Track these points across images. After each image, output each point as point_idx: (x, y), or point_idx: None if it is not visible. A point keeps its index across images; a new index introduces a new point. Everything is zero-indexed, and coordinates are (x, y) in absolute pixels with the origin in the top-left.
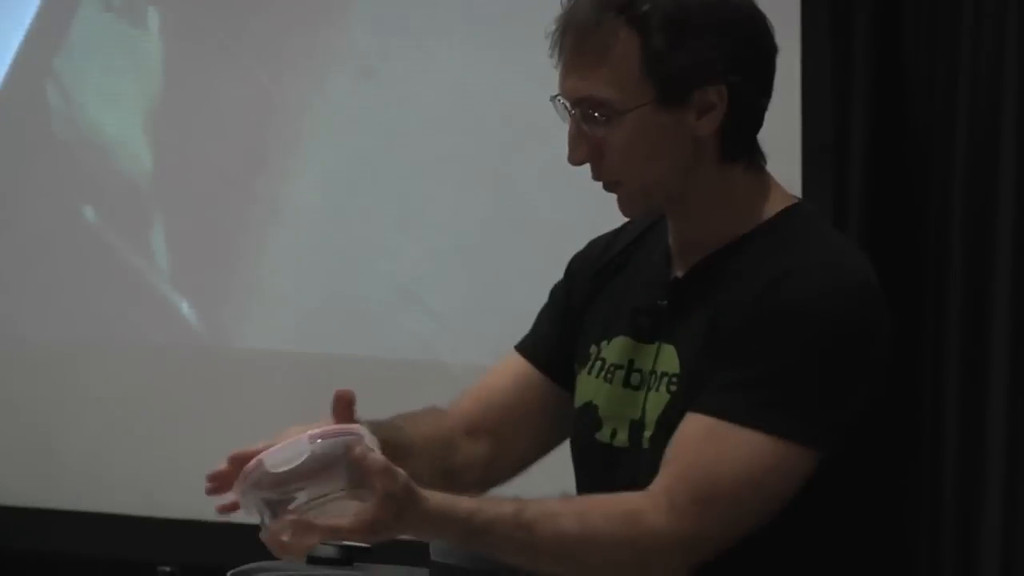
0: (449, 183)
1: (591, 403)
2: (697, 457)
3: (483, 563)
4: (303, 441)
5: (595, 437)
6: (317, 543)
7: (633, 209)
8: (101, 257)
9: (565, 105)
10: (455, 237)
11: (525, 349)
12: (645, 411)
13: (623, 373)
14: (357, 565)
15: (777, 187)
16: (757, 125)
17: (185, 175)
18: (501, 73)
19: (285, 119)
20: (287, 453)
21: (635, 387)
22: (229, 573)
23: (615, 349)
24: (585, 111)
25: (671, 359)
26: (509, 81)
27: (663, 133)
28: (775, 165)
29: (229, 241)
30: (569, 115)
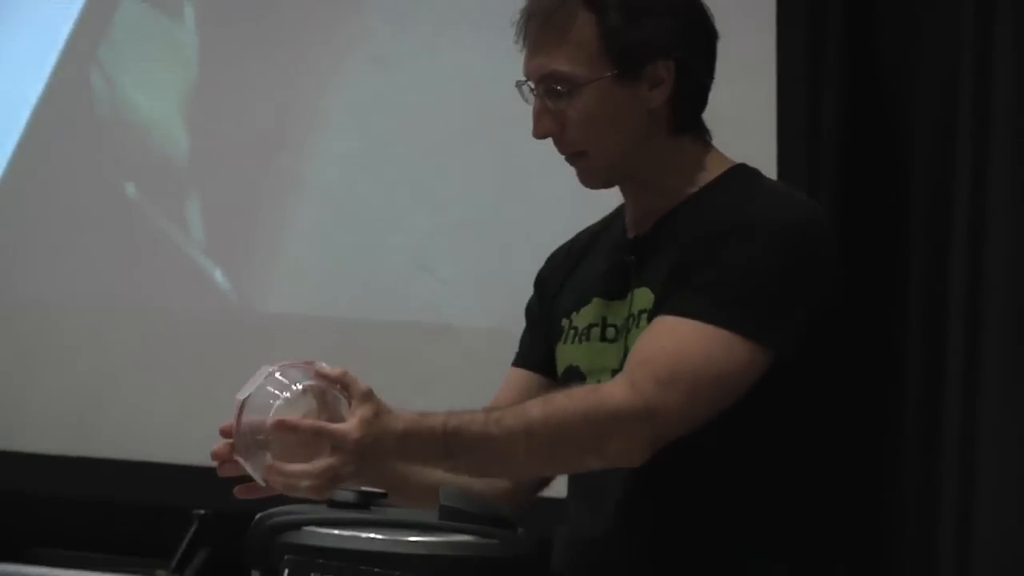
0: (457, 161)
1: (572, 366)
2: (658, 349)
3: (488, 508)
4: (263, 370)
5: None
6: (309, 476)
7: (594, 179)
8: (141, 229)
9: (529, 86)
10: (463, 211)
11: (518, 360)
12: (626, 355)
13: (598, 330)
14: (374, 508)
15: (723, 155)
16: (703, 101)
17: (217, 153)
18: (506, 59)
19: (307, 102)
20: (251, 381)
21: (611, 340)
22: (257, 516)
23: (587, 313)
24: (549, 86)
25: (645, 297)
26: (513, 66)
27: (620, 105)
28: (753, 147)
29: (257, 214)
30: (533, 94)
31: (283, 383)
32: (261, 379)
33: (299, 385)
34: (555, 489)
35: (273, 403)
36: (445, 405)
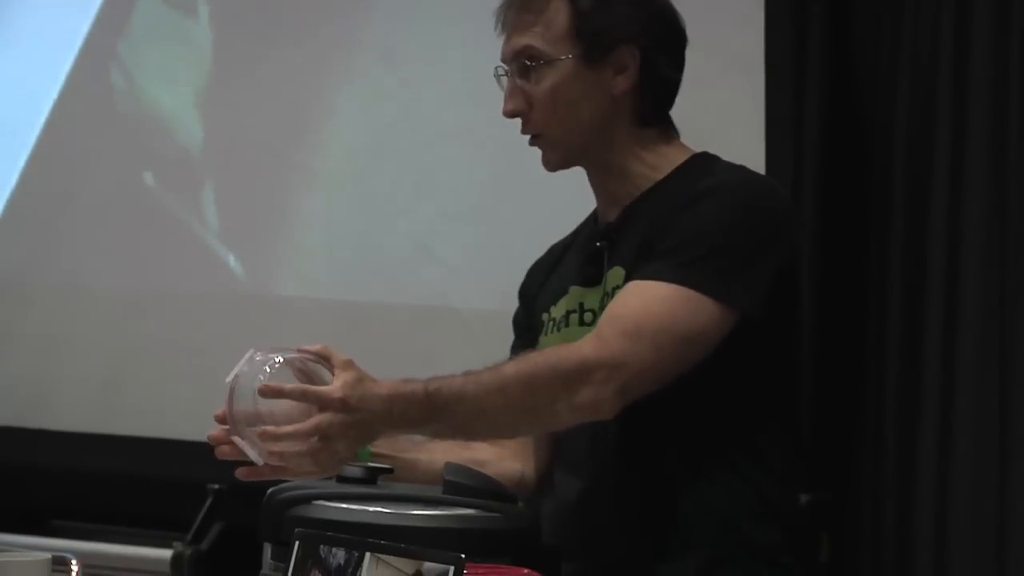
0: (461, 152)
1: None
2: (625, 306)
3: (491, 483)
4: (249, 353)
5: None
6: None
7: (553, 158)
8: (159, 216)
9: (504, 69)
10: (465, 199)
11: None
12: None
13: (576, 316)
14: (381, 484)
15: (687, 147)
16: (669, 97)
17: (231, 145)
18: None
19: (318, 96)
20: (238, 365)
21: (589, 324)
22: (270, 490)
23: (565, 302)
24: (521, 63)
25: (617, 275)
26: None
27: (584, 87)
28: (741, 139)
29: (270, 202)
30: (507, 75)
31: (267, 359)
32: (245, 361)
33: (280, 358)
34: None
35: (262, 378)
36: None
